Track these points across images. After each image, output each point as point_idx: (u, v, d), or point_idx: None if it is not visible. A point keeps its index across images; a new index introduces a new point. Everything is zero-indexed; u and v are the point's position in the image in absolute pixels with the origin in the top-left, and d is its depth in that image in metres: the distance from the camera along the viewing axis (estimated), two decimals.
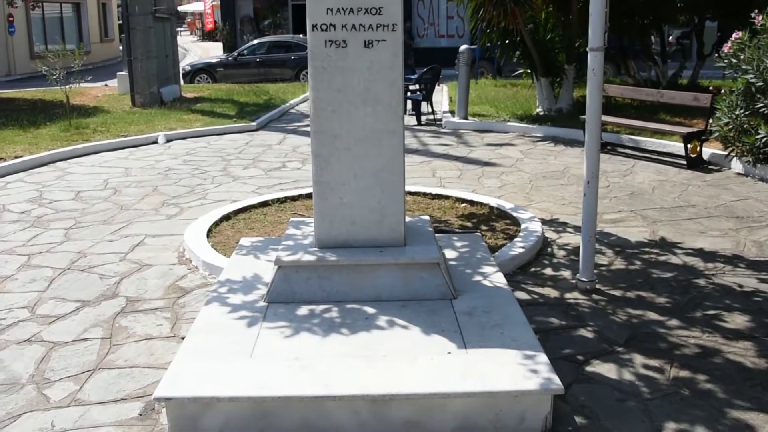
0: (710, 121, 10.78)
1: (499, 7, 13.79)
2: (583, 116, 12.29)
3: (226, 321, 4.56)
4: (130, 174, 10.50)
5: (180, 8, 59.04)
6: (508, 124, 14.34)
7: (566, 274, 6.16)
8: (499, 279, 5.22)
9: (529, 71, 16.23)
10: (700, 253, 6.70)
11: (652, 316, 5.27)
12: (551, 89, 15.38)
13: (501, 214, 7.75)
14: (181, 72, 22.06)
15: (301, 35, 26.43)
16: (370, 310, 4.64)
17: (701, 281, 5.97)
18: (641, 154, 11.56)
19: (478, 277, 5.25)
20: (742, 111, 9.89)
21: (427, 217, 5.91)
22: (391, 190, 4.97)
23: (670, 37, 25.76)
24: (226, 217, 7.63)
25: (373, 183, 4.96)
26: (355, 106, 4.90)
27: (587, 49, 5.62)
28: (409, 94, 16.06)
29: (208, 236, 6.97)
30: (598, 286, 5.84)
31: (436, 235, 5.74)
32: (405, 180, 5.08)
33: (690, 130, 10.97)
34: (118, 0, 35.28)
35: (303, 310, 4.67)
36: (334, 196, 4.98)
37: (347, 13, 4.83)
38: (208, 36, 49.88)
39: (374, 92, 4.88)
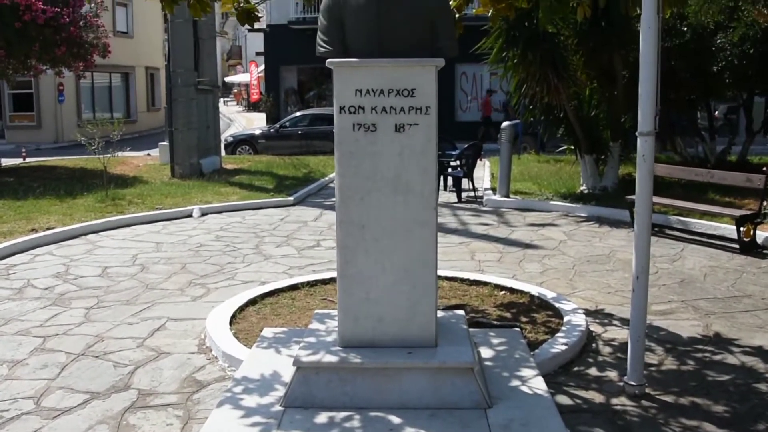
0: (764, 203, 10.27)
1: (542, 83, 13.55)
2: (630, 196, 11.99)
3: (238, 428, 4.15)
4: (160, 249, 10.26)
5: (227, 79, 60.26)
6: (551, 203, 13.92)
7: (612, 375, 5.66)
8: (539, 385, 4.75)
9: (572, 148, 15.89)
10: (759, 351, 6.16)
11: (709, 428, 4.73)
12: (596, 167, 14.97)
13: (542, 304, 7.29)
14: (222, 143, 22.16)
15: None
16: (395, 419, 4.20)
17: (762, 386, 5.42)
18: (691, 237, 11.02)
19: (516, 382, 4.79)
20: None
21: (461, 313, 5.48)
22: (422, 286, 4.57)
23: (716, 112, 25.30)
24: (253, 302, 7.29)
25: (403, 278, 4.57)
26: (384, 194, 4.55)
27: (636, 134, 5.24)
28: (450, 170, 15.77)
29: (231, 323, 6.62)
30: (647, 390, 5.33)
31: (472, 329, 5.30)
32: (437, 274, 4.68)
33: (743, 212, 10.45)
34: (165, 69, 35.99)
35: (322, 418, 4.24)
36: (360, 291, 4.60)
37: (377, 95, 4.53)
38: (253, 107, 50.58)
39: (405, 180, 4.54)
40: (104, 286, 8.30)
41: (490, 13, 7.11)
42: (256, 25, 7.79)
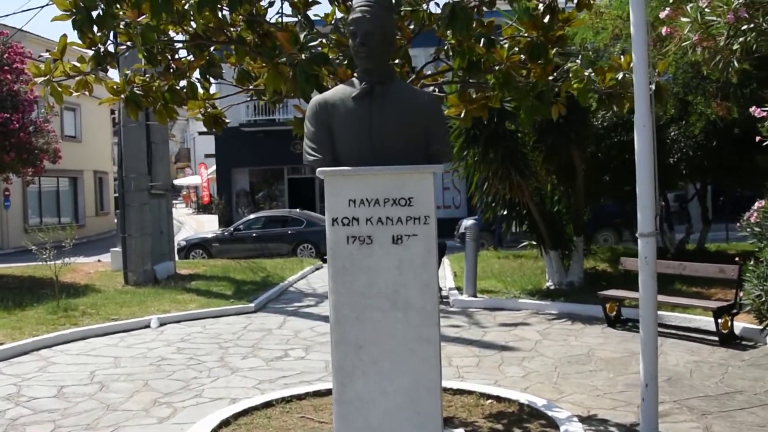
0: (740, 294, 10.14)
1: (504, 181, 13.50)
2: (602, 292, 11.83)
3: None
4: (119, 365, 9.65)
5: (176, 181, 59.86)
6: (520, 300, 13.67)
7: None
8: None
9: (534, 243, 15.79)
10: None
11: None
12: (561, 262, 14.83)
13: (533, 412, 6.89)
14: (176, 247, 21.60)
15: (297, 209, 26.25)
16: None
17: None
18: (667, 330, 10.80)
19: None
20: None
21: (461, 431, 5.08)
22: (426, 411, 4.18)
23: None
24: (226, 422, 6.75)
25: (405, 402, 4.18)
26: (382, 311, 4.21)
27: (637, 235, 5.04)
28: None
29: None
30: None
31: None
32: (442, 396, 4.30)
33: (720, 304, 10.31)
34: (115, 173, 35.50)
35: None
36: (359, 417, 4.20)
37: (372, 205, 4.24)
38: (203, 209, 50.12)
39: (405, 295, 4.22)
40: (61, 409, 7.68)
41: (462, 114, 6.95)
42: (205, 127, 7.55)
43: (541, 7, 6.87)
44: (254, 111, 33.04)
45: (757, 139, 6.67)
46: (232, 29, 6.24)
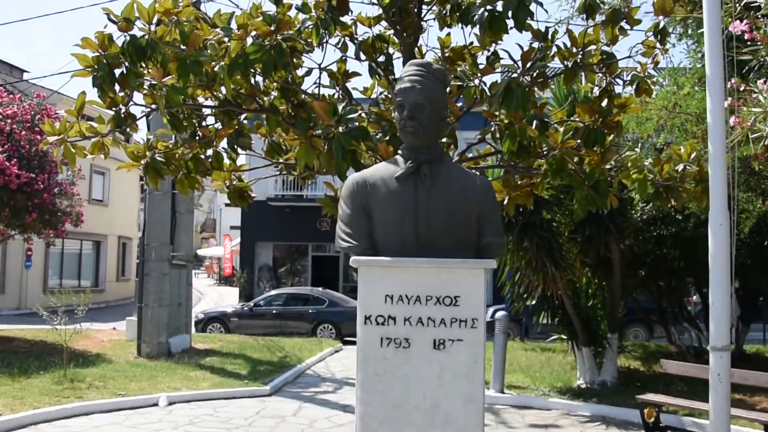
0: None
1: (538, 272, 12.84)
2: (641, 396, 11.02)
3: None
4: None
5: (199, 251, 59.61)
6: (550, 399, 12.81)
7: None
8: None
9: (564, 338, 15.01)
10: None
11: None
12: (593, 360, 14.00)
13: None
14: (193, 320, 20.97)
15: (320, 288, 25.59)
16: None
17: None
18: None
19: None
20: None
21: None
22: None
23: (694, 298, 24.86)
24: None
25: None
26: (418, 427, 3.55)
27: (708, 348, 4.37)
28: None
29: None
30: None
31: None
32: None
33: None
34: (139, 240, 35.29)
35: None
36: None
37: (412, 303, 3.63)
38: (225, 281, 49.64)
39: (445, 410, 3.57)
40: None
41: (505, 201, 6.39)
42: None
43: (596, 90, 6.39)
44: (282, 185, 32.79)
45: None
46: (264, 97, 5.77)
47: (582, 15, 5.94)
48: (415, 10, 6.00)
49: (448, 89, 4.24)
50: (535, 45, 6.12)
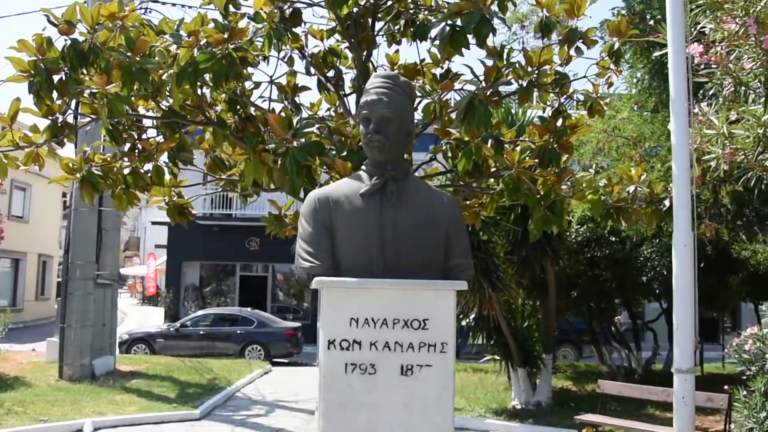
0: (731, 426, 9.40)
1: (475, 293, 12.77)
2: (579, 416, 11.03)
3: None
4: None
5: (122, 270, 57.98)
6: (486, 421, 12.72)
7: None
8: None
9: (497, 358, 15.01)
10: None
11: None
12: (528, 380, 13.99)
13: None
14: (117, 341, 20.22)
15: (248, 308, 25.04)
16: None
17: None
18: None
19: None
20: (767, 414, 8.53)
21: None
22: None
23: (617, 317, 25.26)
24: None
25: None
26: None
27: (672, 370, 4.29)
28: None
29: None
30: None
31: None
32: None
33: None
34: (60, 258, 34.03)
35: None
36: None
37: (379, 327, 3.44)
38: (149, 300, 48.36)
39: None
40: None
41: None
42: (160, 217, 6.73)
43: (549, 111, 6.33)
44: (211, 204, 32.11)
45: None
46: (210, 110, 5.50)
47: (538, 34, 5.86)
48: (370, 23, 5.84)
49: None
50: (489, 62, 6.05)
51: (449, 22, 4.94)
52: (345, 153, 4.82)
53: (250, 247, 31.01)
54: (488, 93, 5.23)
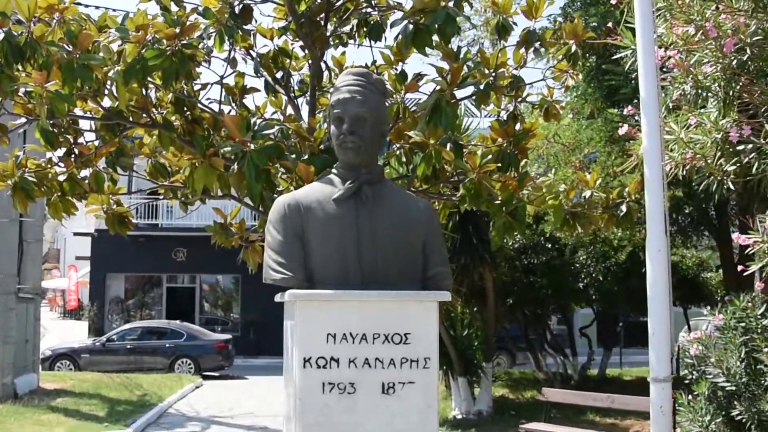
0: (676, 430, 9.41)
1: None
2: (524, 425, 10.95)
3: None
4: None
5: (42, 283, 55.94)
6: None
7: None
8: None
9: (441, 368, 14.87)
10: None
11: None
12: (469, 390, 13.87)
13: None
14: (40, 357, 19.34)
15: (177, 321, 24.32)
16: None
17: None
18: None
19: None
20: (711, 418, 8.56)
21: None
22: None
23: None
24: None
25: None
26: None
27: (649, 380, 4.15)
28: None
29: None
30: None
31: None
32: None
33: None
34: None
35: None
36: None
37: (358, 342, 3.19)
38: (70, 314, 46.76)
39: None
40: None
41: None
42: (82, 228, 6.33)
43: (504, 114, 6.17)
44: (136, 213, 31.18)
45: (740, 268, 6.03)
46: (155, 110, 5.14)
47: (494, 36, 5.69)
48: (323, 23, 5.57)
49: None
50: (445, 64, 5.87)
51: (412, 19, 4.72)
52: (307, 156, 4.55)
53: (176, 257, 30.30)
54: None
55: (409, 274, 3.37)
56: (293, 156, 4.45)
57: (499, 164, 5.45)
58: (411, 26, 4.71)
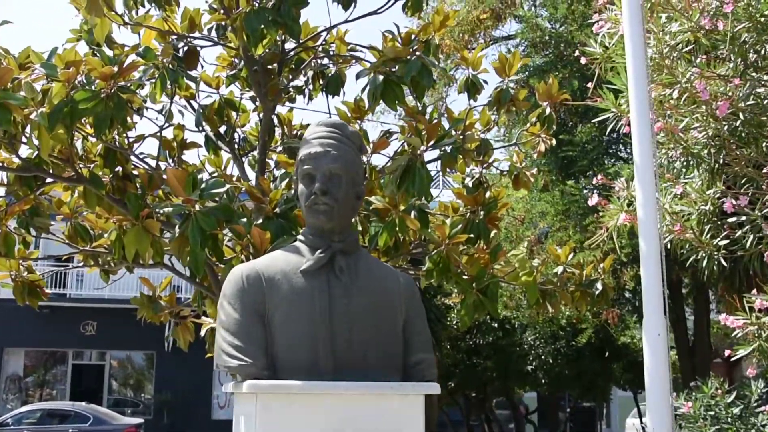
0: None
1: None
2: None
3: None
4: None
5: None
6: None
7: None
8: None
9: None
10: None
11: None
12: None
13: None
14: None
15: (83, 402, 23.09)
16: None
17: None
18: None
19: None
20: None
21: None
22: None
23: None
24: None
25: None
26: None
27: None
28: None
29: None
30: None
31: None
32: None
33: None
34: None
35: None
36: None
37: None
38: None
39: None
40: None
41: None
42: None
43: (468, 181, 5.92)
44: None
45: (727, 353, 5.81)
46: (80, 163, 4.68)
47: (462, 93, 5.45)
48: (277, 70, 5.23)
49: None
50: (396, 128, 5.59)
51: (381, 71, 4.41)
52: (261, 221, 4.14)
53: (85, 331, 29.02)
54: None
55: (389, 361, 2.98)
56: (244, 220, 4.04)
57: (470, 235, 5.15)
58: (380, 78, 4.42)
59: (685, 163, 5.31)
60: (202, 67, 5.37)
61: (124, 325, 24.14)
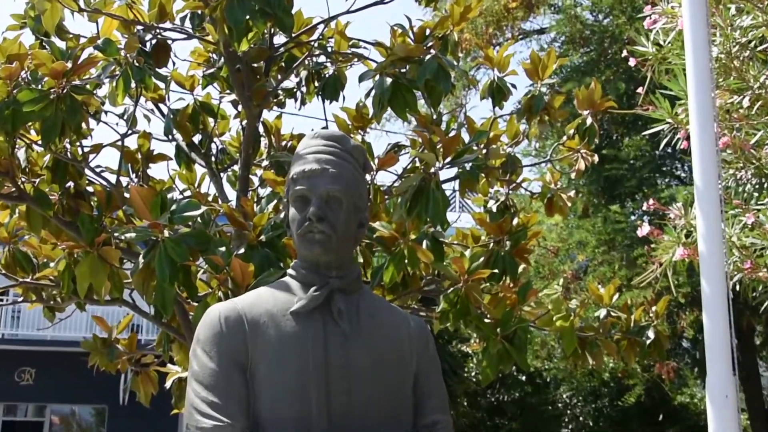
0: None
1: None
2: None
3: None
4: None
5: None
6: None
7: None
8: None
9: None
10: None
11: None
12: None
13: None
14: None
15: None
16: None
17: None
18: None
19: None
20: None
21: None
22: None
23: None
24: None
25: None
26: None
27: None
28: None
29: None
30: None
31: None
32: None
33: None
34: None
35: None
36: None
37: None
38: None
39: None
40: None
41: None
42: None
43: (491, 204, 5.99)
44: None
45: None
46: (23, 178, 4.75)
47: (487, 100, 5.53)
48: (264, 69, 5.31)
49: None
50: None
51: (390, 72, 4.48)
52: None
53: (20, 380, 29.10)
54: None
55: (396, 421, 3.00)
56: (222, 249, 4.08)
57: (494, 270, 5.20)
58: (388, 80, 4.49)
59: (757, 186, 5.35)
60: (174, 64, 5.46)
61: (70, 373, 24.34)
